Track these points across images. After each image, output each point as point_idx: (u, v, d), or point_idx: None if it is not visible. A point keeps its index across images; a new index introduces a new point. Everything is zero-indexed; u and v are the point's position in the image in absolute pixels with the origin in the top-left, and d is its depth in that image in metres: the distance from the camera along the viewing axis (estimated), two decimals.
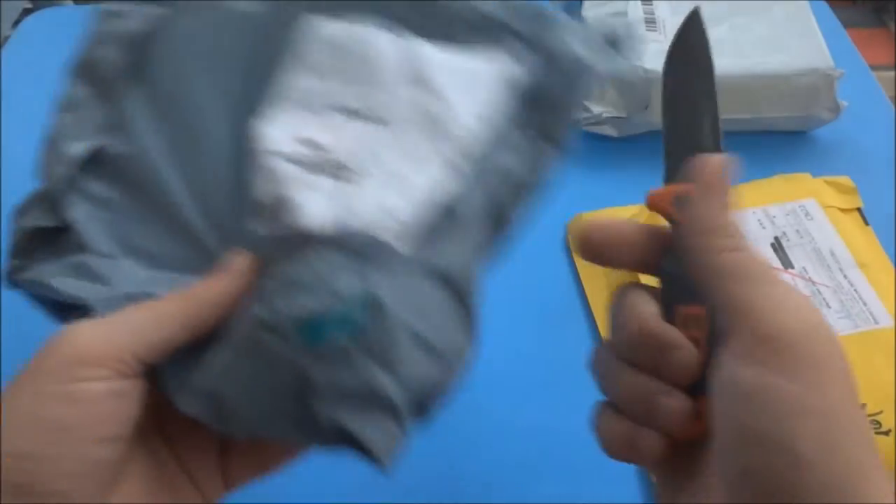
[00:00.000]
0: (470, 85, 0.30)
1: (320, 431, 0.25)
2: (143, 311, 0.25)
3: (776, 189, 0.50)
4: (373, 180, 0.28)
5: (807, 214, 0.47)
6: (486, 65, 0.30)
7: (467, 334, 0.28)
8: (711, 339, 0.27)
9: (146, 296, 0.27)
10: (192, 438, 0.28)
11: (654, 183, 0.54)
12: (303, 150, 0.28)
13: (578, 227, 0.28)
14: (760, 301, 0.23)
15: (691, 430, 0.26)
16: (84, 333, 0.24)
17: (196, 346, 0.26)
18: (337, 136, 0.29)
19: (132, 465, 0.25)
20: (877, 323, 0.42)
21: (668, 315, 0.28)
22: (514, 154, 0.30)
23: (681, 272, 0.28)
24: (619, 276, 0.48)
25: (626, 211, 0.51)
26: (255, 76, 0.30)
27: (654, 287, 0.29)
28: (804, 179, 0.51)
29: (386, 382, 0.25)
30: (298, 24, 0.30)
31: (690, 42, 0.33)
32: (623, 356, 0.27)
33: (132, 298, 0.26)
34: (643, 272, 0.29)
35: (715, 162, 0.27)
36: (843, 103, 0.55)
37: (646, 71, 0.54)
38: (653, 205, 0.29)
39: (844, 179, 0.51)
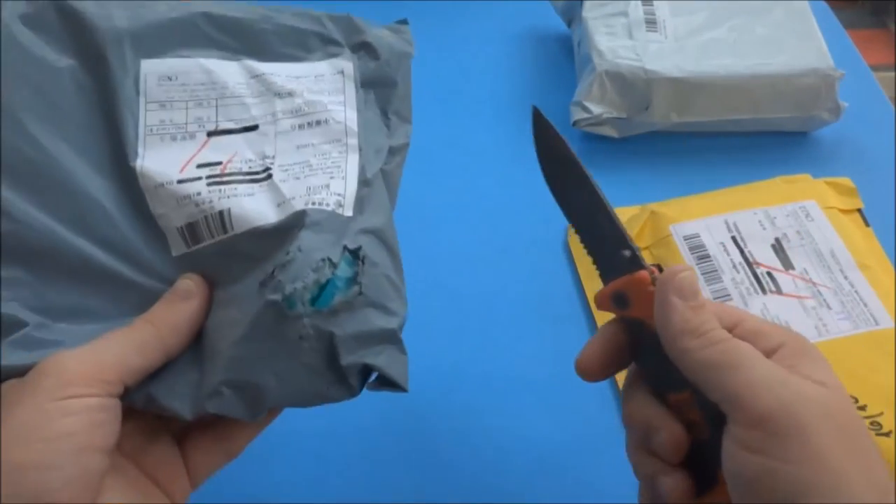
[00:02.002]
0: (318, 83, 0.33)
1: (345, 380, 0.29)
2: (122, 338, 0.27)
3: (777, 190, 0.50)
4: (285, 172, 0.31)
5: (807, 216, 0.47)
6: (320, 65, 0.34)
7: (401, 275, 0.32)
8: (710, 416, 0.28)
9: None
10: (151, 447, 0.29)
11: (654, 183, 0.55)
12: (206, 172, 0.30)
13: (578, 368, 0.31)
14: (743, 388, 0.25)
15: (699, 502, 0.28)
16: (73, 358, 0.26)
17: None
18: (226, 150, 0.31)
19: (108, 478, 0.27)
20: (877, 324, 0.42)
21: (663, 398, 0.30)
22: (379, 132, 0.34)
23: (657, 363, 0.29)
24: None
25: (627, 212, 0.51)
26: (101, 125, 0.31)
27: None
28: (805, 180, 0.51)
29: (386, 320, 0.30)
30: (126, 68, 0.31)
31: (544, 142, 0.34)
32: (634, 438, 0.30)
33: None
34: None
35: (679, 270, 0.29)
36: (844, 104, 0.55)
37: (646, 72, 0.54)
38: (599, 306, 0.31)
39: (845, 180, 0.51)
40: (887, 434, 0.38)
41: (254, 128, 0.32)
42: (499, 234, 0.52)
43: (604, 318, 0.47)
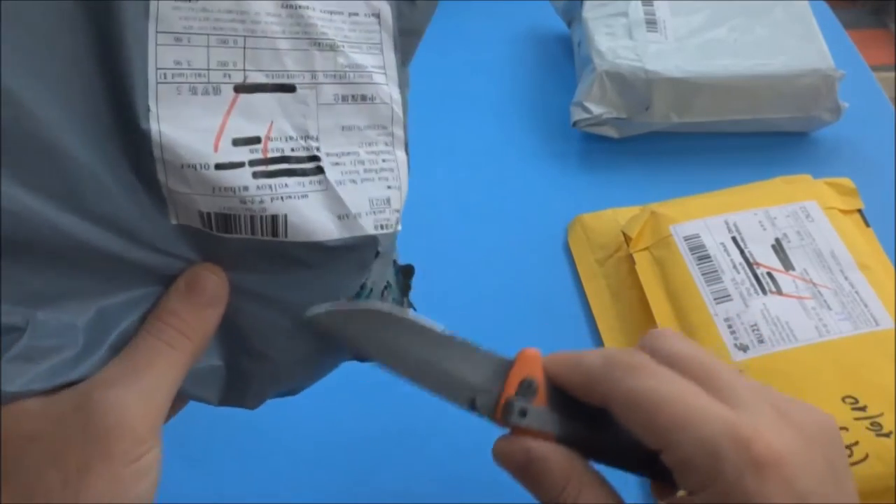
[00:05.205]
0: (354, 27, 0.27)
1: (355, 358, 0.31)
2: (172, 369, 0.25)
3: (777, 190, 0.49)
4: (338, 168, 0.26)
5: (808, 216, 0.47)
6: (357, 3, 0.27)
7: None
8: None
9: (124, 332, 0.25)
10: None
11: (654, 183, 0.55)
12: (247, 155, 0.24)
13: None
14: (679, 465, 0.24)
15: None
16: (138, 412, 0.23)
17: None
18: (260, 118, 0.25)
19: None
20: (877, 324, 0.42)
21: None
22: (404, 89, 0.29)
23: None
24: (619, 278, 0.48)
25: (627, 212, 0.51)
26: (95, 62, 0.22)
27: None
28: (805, 181, 0.51)
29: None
30: None
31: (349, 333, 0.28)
32: None
33: (113, 347, 0.25)
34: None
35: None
36: (844, 104, 0.55)
37: (646, 72, 0.53)
38: (504, 422, 0.28)
39: (845, 181, 0.51)
40: (887, 435, 0.38)
41: (290, 88, 0.25)
42: (499, 234, 0.52)
43: (604, 319, 0.47)
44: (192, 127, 0.24)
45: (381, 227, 0.27)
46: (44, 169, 0.22)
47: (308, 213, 0.25)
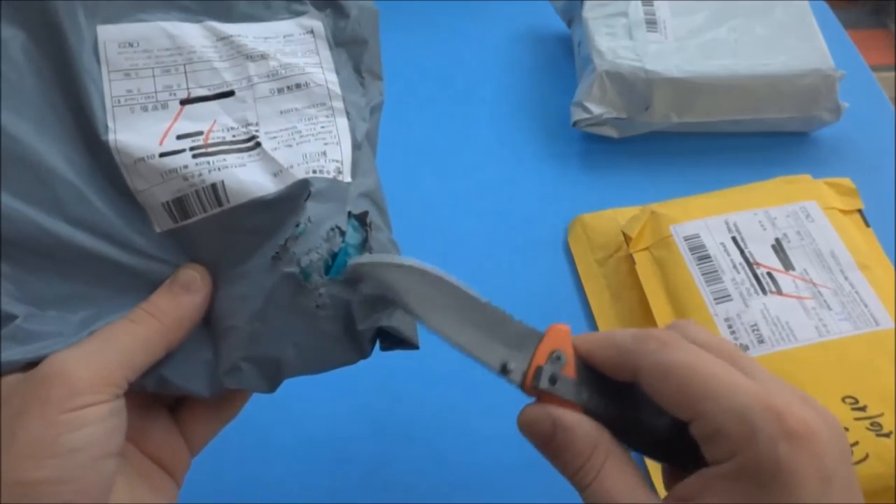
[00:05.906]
0: (289, 43, 0.32)
1: (359, 344, 0.30)
2: (127, 337, 0.26)
3: (777, 190, 0.49)
4: (274, 140, 0.30)
5: (808, 216, 0.47)
6: (287, 24, 0.33)
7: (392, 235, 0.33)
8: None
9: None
10: (149, 426, 0.29)
11: (654, 184, 0.55)
12: (188, 143, 0.29)
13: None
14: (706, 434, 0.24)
15: None
16: (79, 362, 0.25)
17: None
18: (203, 119, 0.29)
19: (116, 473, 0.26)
20: (877, 325, 0.42)
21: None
22: (355, 92, 0.33)
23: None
24: (619, 278, 0.48)
25: (627, 212, 0.51)
26: (62, 100, 0.28)
27: None
28: (805, 181, 0.51)
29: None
30: (81, 36, 0.29)
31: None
32: None
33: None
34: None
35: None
36: (844, 104, 0.55)
37: (646, 72, 0.53)
38: (531, 392, 0.29)
39: (845, 181, 0.51)
40: (887, 435, 0.38)
41: (229, 94, 0.30)
42: (499, 233, 0.52)
43: (604, 319, 0.47)
44: (143, 133, 0.28)
45: (314, 171, 0.29)
46: (27, 180, 0.27)
47: (244, 177, 0.28)
